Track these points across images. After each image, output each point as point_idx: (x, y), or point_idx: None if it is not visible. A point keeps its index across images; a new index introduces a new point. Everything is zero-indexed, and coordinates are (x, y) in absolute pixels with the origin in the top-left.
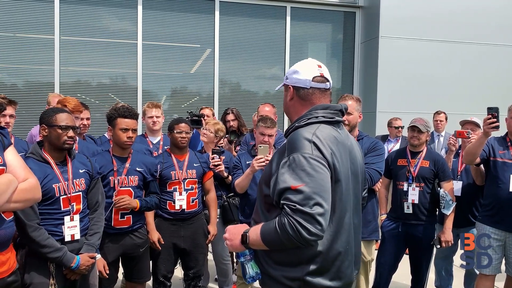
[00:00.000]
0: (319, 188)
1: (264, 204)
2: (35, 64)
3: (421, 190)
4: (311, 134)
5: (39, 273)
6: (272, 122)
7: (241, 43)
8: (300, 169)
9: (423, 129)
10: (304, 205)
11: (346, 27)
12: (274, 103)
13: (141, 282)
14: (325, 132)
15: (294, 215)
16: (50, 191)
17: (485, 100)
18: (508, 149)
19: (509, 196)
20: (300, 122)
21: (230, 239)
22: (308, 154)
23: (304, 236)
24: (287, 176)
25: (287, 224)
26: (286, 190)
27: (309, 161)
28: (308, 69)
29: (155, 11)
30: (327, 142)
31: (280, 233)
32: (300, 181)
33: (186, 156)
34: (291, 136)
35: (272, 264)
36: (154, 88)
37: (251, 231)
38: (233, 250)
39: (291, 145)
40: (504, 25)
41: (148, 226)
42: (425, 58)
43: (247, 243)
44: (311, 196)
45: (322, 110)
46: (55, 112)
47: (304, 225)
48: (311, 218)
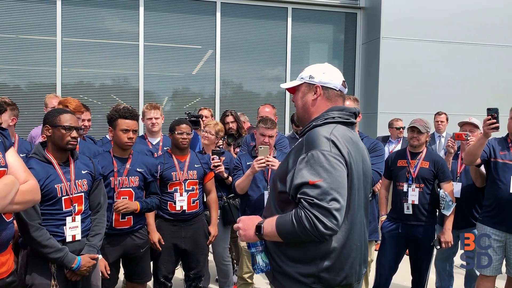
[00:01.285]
0: (336, 184)
1: (278, 202)
2: (37, 65)
3: (421, 191)
4: (329, 133)
5: (40, 274)
6: (273, 123)
7: (243, 44)
8: (318, 165)
9: (422, 130)
10: (321, 200)
11: (347, 28)
12: (275, 104)
13: (141, 283)
14: (341, 132)
15: (311, 209)
16: (52, 191)
17: (486, 101)
18: (509, 150)
19: (509, 197)
20: (318, 121)
21: (244, 229)
22: (327, 151)
23: (320, 229)
24: (305, 172)
25: (304, 217)
26: (304, 185)
27: (328, 158)
28: (336, 73)
29: (157, 12)
30: (343, 141)
31: (296, 225)
32: (318, 176)
33: (187, 157)
34: (309, 134)
35: (286, 261)
36: (156, 89)
37: (266, 222)
38: (246, 240)
39: (309, 142)
40: (506, 26)
41: (149, 227)
42: (426, 59)
43: (261, 233)
44: (328, 191)
45: (338, 112)
46: (59, 112)
47: (320, 219)
48: (327, 213)
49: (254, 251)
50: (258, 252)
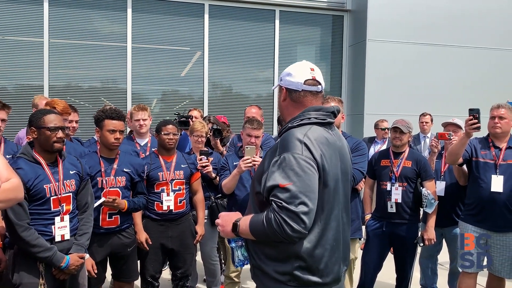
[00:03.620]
0: (305, 187)
1: (257, 202)
2: (24, 68)
3: (404, 189)
4: (303, 135)
5: (28, 273)
6: (259, 123)
7: (231, 46)
8: (289, 168)
9: (405, 130)
10: (290, 203)
11: (334, 30)
12: (263, 105)
13: (129, 282)
14: (316, 133)
15: (280, 212)
16: (41, 191)
17: (469, 102)
18: (489, 149)
19: (490, 196)
20: (293, 123)
21: (222, 225)
22: (298, 154)
23: (288, 232)
24: (276, 175)
25: (273, 219)
26: (275, 187)
27: (298, 161)
28: (300, 72)
29: (145, 14)
30: (317, 143)
31: (266, 227)
32: (288, 179)
33: (173, 157)
34: (283, 136)
35: (264, 259)
36: (144, 91)
37: (242, 221)
38: (224, 236)
39: (283, 145)
40: (488, 28)
41: (136, 226)
42: (412, 61)
43: (237, 231)
44: (297, 195)
45: (314, 112)
46: (43, 113)
47: (288, 222)
48: (295, 216)
49: (234, 246)
50: (237, 247)
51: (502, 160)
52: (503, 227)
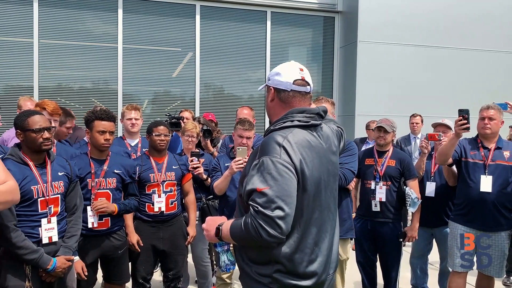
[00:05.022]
0: (282, 192)
1: (242, 204)
2: (14, 68)
3: (388, 188)
4: (283, 139)
5: (15, 276)
6: (250, 124)
7: (222, 47)
8: (267, 172)
9: (389, 130)
10: (266, 208)
11: (325, 31)
12: (255, 106)
13: (120, 284)
14: (298, 137)
15: (256, 217)
16: (28, 192)
17: (459, 103)
18: (478, 150)
19: (479, 196)
20: (275, 126)
21: (206, 229)
22: (276, 158)
23: (264, 237)
24: (255, 178)
25: (250, 224)
26: (253, 191)
27: (276, 165)
28: (290, 72)
29: (135, 14)
30: (298, 147)
31: (245, 231)
32: (265, 184)
33: (164, 158)
34: (264, 139)
35: (247, 261)
36: (135, 92)
37: (224, 226)
38: (209, 240)
39: (262, 148)
40: (478, 30)
41: (127, 228)
42: (402, 62)
43: (219, 236)
44: (273, 199)
45: (298, 114)
46: (26, 115)
47: (264, 227)
48: (271, 221)
49: (220, 250)
50: (223, 252)
51: (491, 161)
52: (492, 227)
